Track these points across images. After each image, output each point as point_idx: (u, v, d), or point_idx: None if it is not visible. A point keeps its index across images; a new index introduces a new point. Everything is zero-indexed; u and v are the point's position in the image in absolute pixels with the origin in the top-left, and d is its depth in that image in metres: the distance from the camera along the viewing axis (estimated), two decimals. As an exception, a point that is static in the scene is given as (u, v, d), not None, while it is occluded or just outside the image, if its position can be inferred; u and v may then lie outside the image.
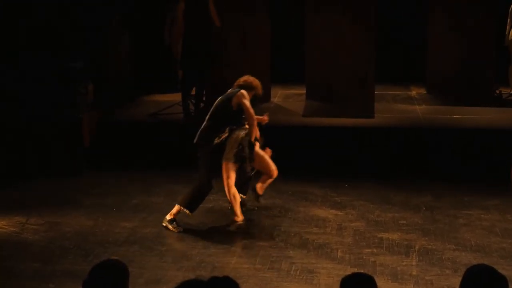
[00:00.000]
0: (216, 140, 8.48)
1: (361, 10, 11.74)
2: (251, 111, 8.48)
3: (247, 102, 8.50)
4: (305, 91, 12.40)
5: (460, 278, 4.11)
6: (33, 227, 8.62)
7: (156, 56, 13.57)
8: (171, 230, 8.44)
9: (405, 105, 12.38)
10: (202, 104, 12.20)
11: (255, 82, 8.76)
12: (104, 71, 12.62)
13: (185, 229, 8.51)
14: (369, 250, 7.96)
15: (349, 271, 4.94)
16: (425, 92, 13.09)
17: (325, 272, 7.38)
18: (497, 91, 12.87)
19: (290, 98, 12.94)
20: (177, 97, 12.44)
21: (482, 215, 9.02)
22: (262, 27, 12.29)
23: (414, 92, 13.17)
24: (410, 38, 13.84)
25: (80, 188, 10.04)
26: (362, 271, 5.12)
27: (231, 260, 7.63)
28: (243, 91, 8.56)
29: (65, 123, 10.89)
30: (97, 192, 9.83)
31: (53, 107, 10.95)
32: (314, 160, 10.70)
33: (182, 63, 12.30)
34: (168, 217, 8.52)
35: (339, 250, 7.95)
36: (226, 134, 8.49)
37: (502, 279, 4.01)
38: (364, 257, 7.76)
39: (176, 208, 8.54)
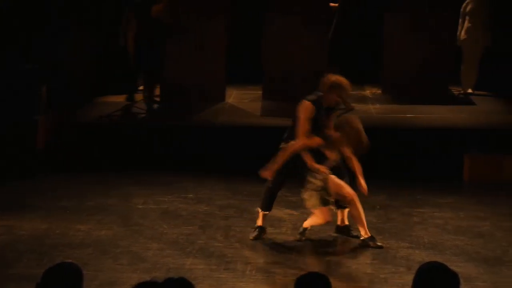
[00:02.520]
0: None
1: (316, 11, 11.82)
2: (301, 128, 7.77)
3: (302, 116, 7.79)
4: (260, 92, 12.44)
5: (414, 276, 4.15)
6: (-14, 231, 8.53)
7: (113, 57, 13.47)
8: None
9: (359, 104, 12.44)
10: (156, 105, 12.19)
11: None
12: (60, 72, 12.51)
13: (140, 231, 8.48)
14: (324, 249, 8.00)
15: (304, 271, 4.95)
16: (379, 92, 13.17)
17: (281, 272, 7.41)
18: (453, 91, 13.02)
19: (245, 99, 12.95)
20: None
21: (435, 213, 9.11)
22: (219, 29, 12.29)
23: (368, 92, 13.25)
24: (365, 37, 13.89)
25: (35, 190, 9.92)
26: (316, 270, 5.13)
27: (186, 261, 7.62)
28: (305, 101, 7.85)
29: (20, 125, 10.77)
30: (52, 195, 9.72)
31: (8, 108, 10.81)
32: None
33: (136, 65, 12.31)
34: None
35: (294, 250, 7.97)
36: None
37: (454, 276, 4.06)
38: (318, 257, 7.80)
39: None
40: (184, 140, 10.97)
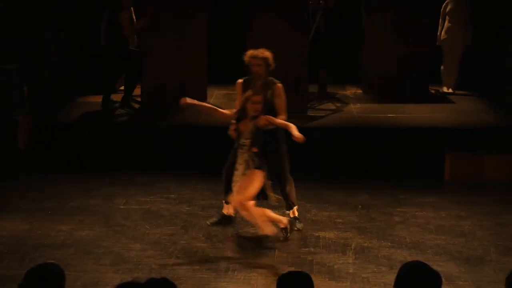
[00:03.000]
0: None
1: (295, 15, 11.86)
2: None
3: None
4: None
5: (395, 275, 4.16)
6: (-33, 232, 8.48)
7: (93, 57, 13.43)
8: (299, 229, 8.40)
9: (340, 104, 12.46)
10: (137, 105, 12.18)
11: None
12: (40, 72, 12.47)
13: (122, 231, 8.47)
14: (306, 249, 8.02)
15: (286, 270, 4.96)
16: (360, 91, 13.20)
17: (263, 272, 7.41)
18: (433, 90, 13.07)
19: (226, 99, 12.93)
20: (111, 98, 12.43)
21: (417, 213, 9.15)
22: (200, 28, 12.28)
23: (349, 92, 13.27)
24: (346, 37, 13.91)
25: (16, 191, 9.88)
26: (299, 269, 5.14)
27: (168, 262, 7.61)
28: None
29: (0, 126, 10.73)
30: (33, 195, 9.68)
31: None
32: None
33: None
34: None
35: (276, 250, 7.98)
36: None
37: (436, 275, 4.08)
38: (301, 256, 7.81)
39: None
40: (164, 140, 10.95)
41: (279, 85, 8.41)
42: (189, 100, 8.10)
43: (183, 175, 10.38)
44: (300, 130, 7.91)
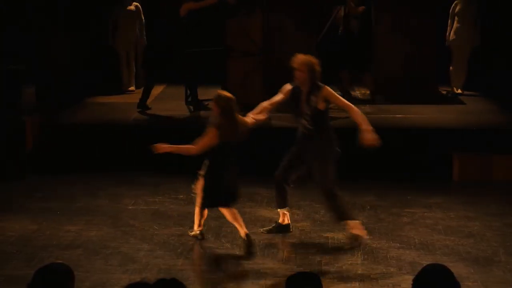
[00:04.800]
0: None
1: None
2: None
3: None
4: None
5: (405, 276, 4.14)
6: (-25, 232, 8.51)
7: (100, 58, 13.46)
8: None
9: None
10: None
11: None
12: (47, 73, 12.49)
13: (130, 232, 8.48)
14: (315, 249, 8.02)
15: (295, 270, 4.96)
16: (369, 92, 13.19)
17: (271, 272, 7.42)
18: (444, 91, 13.07)
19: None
20: (119, 99, 12.45)
21: (425, 213, 9.14)
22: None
23: (358, 93, 13.25)
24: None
25: (24, 191, 9.91)
26: (307, 270, 5.14)
27: (177, 262, 7.62)
28: None
29: (8, 126, 10.75)
30: (41, 196, 9.71)
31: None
32: (260, 161, 10.68)
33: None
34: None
35: (285, 250, 7.99)
36: None
37: (456, 284, 3.97)
38: (309, 257, 7.82)
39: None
40: (174, 141, 10.93)
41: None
42: (163, 146, 7.99)
43: (192, 176, 10.35)
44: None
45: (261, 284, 7.15)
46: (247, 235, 7.86)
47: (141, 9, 13.29)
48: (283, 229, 8.46)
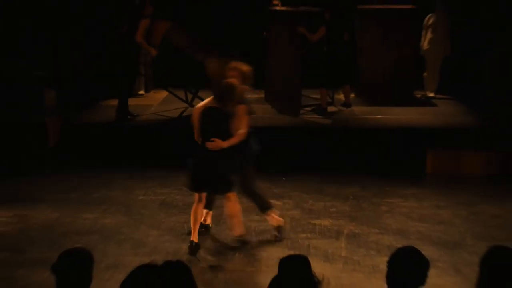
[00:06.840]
0: None
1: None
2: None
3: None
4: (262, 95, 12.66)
5: (383, 258, 4.19)
6: (2, 220, 8.54)
7: (112, 63, 13.42)
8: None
9: (335, 107, 12.48)
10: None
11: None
12: (67, 78, 12.50)
13: (141, 219, 8.53)
14: (304, 235, 8.08)
15: (287, 253, 5.03)
16: (353, 95, 13.21)
17: (266, 255, 7.48)
18: (418, 95, 13.10)
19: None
20: (130, 101, 12.47)
21: (401, 203, 9.19)
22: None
23: (342, 96, 13.26)
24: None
25: (46, 184, 9.92)
26: (298, 253, 5.20)
27: (182, 246, 7.66)
28: None
29: (31, 125, 10.78)
30: (61, 188, 9.72)
31: (20, 109, 10.82)
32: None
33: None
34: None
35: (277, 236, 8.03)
36: None
37: (424, 260, 4.07)
38: (299, 241, 7.87)
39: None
40: (182, 140, 10.96)
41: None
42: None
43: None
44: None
45: (256, 265, 7.21)
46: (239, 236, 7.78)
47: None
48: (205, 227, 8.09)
